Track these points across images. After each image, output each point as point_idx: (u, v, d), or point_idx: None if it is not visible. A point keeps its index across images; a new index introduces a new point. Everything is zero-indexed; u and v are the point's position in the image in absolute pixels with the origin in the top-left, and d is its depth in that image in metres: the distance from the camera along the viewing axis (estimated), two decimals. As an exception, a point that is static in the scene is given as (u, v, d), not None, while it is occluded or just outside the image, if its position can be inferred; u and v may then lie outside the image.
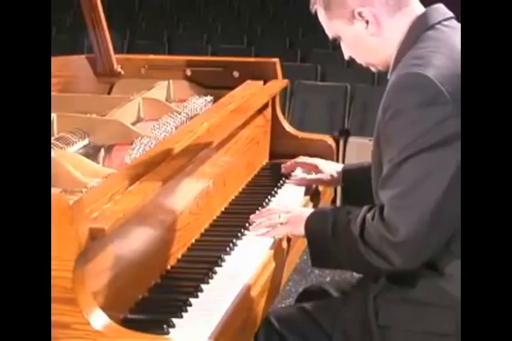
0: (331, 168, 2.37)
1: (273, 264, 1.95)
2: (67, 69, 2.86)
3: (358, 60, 1.92)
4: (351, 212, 1.81)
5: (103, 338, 1.44)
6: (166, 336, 1.53)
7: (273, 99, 2.75)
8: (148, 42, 7.64)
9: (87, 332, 1.44)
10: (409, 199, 1.67)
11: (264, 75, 2.75)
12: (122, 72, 2.88)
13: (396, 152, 1.69)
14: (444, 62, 1.70)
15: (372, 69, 1.92)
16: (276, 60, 2.81)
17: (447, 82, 1.66)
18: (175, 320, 1.58)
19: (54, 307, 1.39)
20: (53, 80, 2.61)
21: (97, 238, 1.49)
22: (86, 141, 2.26)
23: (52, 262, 1.39)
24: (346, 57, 1.93)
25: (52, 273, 1.40)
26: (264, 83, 2.73)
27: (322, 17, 1.87)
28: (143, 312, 1.66)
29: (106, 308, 1.51)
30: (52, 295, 1.38)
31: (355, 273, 2.03)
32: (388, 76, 1.82)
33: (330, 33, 1.89)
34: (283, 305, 3.26)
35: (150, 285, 1.77)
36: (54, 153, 1.99)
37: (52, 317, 1.38)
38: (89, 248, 1.48)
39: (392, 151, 1.71)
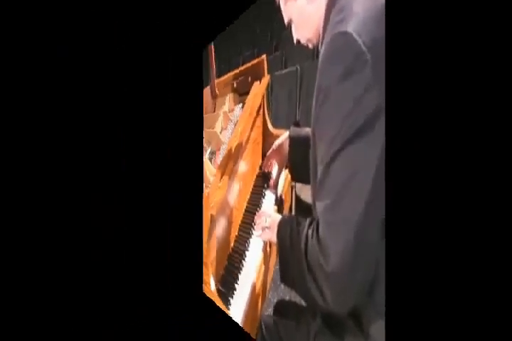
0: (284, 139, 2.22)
1: (263, 268, 1.95)
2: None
3: (301, 40, 1.69)
4: (299, 224, 1.56)
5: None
6: (166, 336, 1.52)
7: (263, 97, 2.73)
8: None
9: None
10: (336, 211, 1.39)
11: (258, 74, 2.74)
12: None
13: (326, 148, 1.41)
14: (365, 5, 1.42)
15: (310, 46, 1.69)
16: (263, 56, 2.74)
17: (365, 31, 1.36)
18: (175, 321, 1.58)
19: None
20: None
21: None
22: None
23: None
24: (295, 40, 1.70)
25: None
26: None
27: (282, 6, 1.69)
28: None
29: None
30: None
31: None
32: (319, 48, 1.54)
33: (286, 19, 1.70)
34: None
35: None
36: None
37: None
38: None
39: (322, 147, 1.43)
